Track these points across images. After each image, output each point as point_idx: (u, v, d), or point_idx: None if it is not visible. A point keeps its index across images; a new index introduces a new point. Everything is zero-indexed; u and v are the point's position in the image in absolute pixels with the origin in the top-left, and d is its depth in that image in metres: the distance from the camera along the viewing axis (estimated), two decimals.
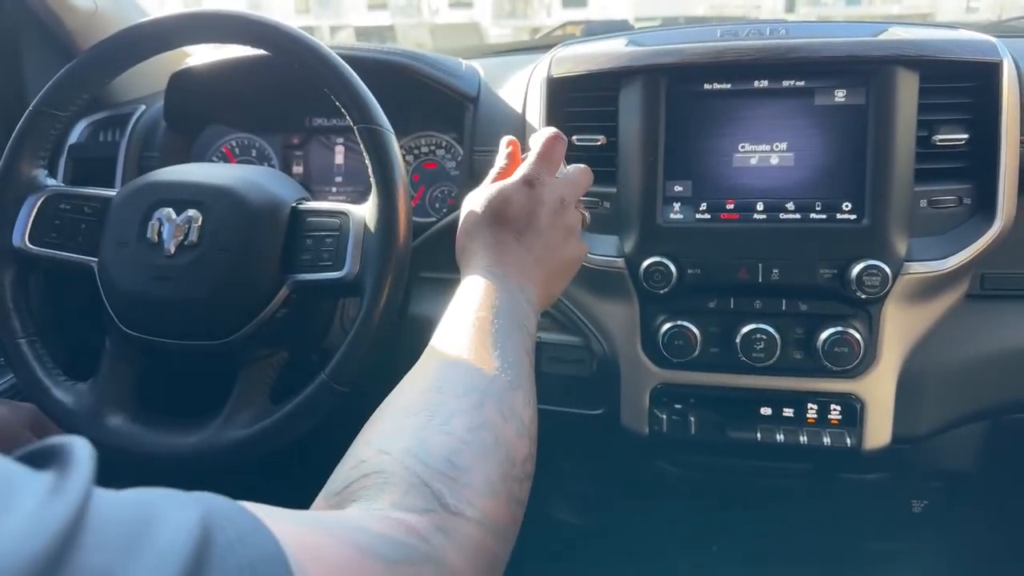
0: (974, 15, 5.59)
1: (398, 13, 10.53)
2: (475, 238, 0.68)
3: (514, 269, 0.65)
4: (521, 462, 0.51)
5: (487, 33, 8.48)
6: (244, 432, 0.81)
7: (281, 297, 0.82)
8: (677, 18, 6.79)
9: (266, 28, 0.83)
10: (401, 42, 9.91)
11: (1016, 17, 1.45)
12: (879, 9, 6.17)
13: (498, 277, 0.64)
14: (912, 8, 5.94)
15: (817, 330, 0.89)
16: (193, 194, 0.83)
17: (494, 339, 0.57)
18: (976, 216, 0.90)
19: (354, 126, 0.81)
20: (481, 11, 10.08)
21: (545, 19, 9.36)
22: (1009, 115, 0.87)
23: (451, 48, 3.01)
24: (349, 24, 10.70)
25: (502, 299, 0.61)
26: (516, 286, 0.64)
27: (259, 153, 1.22)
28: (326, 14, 11.08)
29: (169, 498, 0.31)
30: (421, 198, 1.17)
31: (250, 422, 0.82)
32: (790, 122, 0.89)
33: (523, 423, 0.53)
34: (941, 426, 0.94)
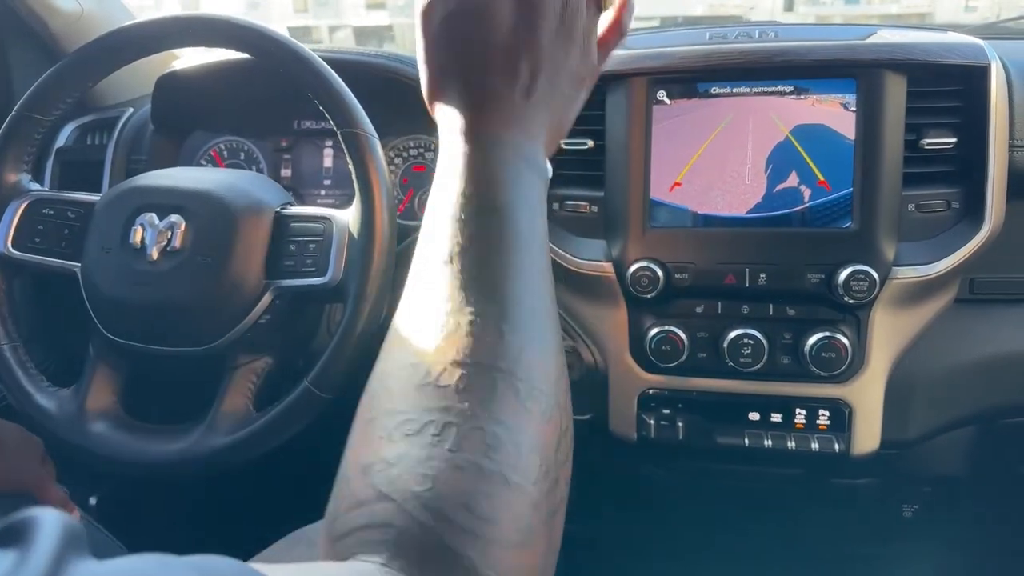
0: (972, 14, 5.58)
1: (396, 13, 10.51)
2: (448, 84, 0.47)
3: (513, 128, 0.46)
4: (555, 450, 0.39)
5: None
6: (227, 439, 0.81)
7: (264, 303, 0.81)
8: (676, 17, 6.78)
9: (249, 32, 0.82)
10: (399, 42, 9.90)
11: (1011, 18, 1.45)
12: (878, 8, 6.16)
13: (491, 146, 0.45)
14: (911, 8, 5.93)
15: (804, 335, 0.88)
16: (176, 199, 0.83)
17: (498, 268, 0.41)
18: (964, 220, 0.89)
19: (337, 130, 0.80)
20: None
21: None
22: (997, 119, 0.87)
23: None
24: (348, 24, 10.69)
25: (504, 190, 0.43)
26: (518, 156, 0.45)
27: (247, 156, 1.21)
28: (325, 14, 11.08)
29: (163, 568, 0.26)
30: (410, 201, 1.16)
31: (233, 429, 0.81)
32: (778, 126, 0.89)
33: (547, 395, 0.40)
34: (931, 431, 0.94)
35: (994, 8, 5.64)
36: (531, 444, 0.38)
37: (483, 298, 0.40)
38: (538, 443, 0.38)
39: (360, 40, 9.29)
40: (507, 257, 0.41)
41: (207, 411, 0.84)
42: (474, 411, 0.37)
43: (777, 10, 6.19)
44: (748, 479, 1.05)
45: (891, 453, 0.94)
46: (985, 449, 1.00)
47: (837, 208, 0.87)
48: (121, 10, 1.25)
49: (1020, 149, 0.89)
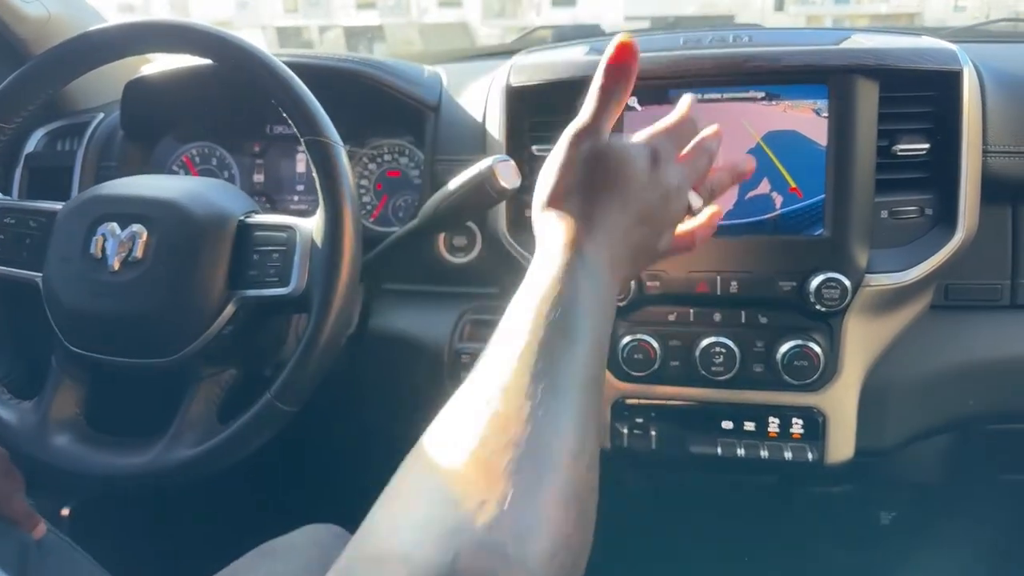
0: (961, 14, 5.59)
1: (387, 13, 10.48)
2: (570, 201, 0.54)
3: (608, 252, 0.52)
4: (578, 554, 0.39)
5: (476, 33, 8.44)
6: (190, 452, 0.80)
7: (228, 314, 0.80)
8: (666, 17, 6.78)
9: (211, 38, 0.81)
10: (390, 42, 9.87)
11: (990, 21, 1.45)
12: (867, 8, 6.16)
13: (588, 262, 0.50)
14: (900, 7, 5.94)
15: (777, 343, 0.88)
16: (138, 208, 0.81)
17: (567, 368, 0.44)
18: (938, 227, 0.89)
19: (301, 138, 0.79)
20: (470, 11, 10.04)
21: (534, 19, 9.33)
22: (970, 124, 0.86)
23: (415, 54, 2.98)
24: (338, 24, 10.65)
25: (587, 300, 0.48)
26: (607, 278, 0.51)
27: (219, 162, 1.20)
28: (315, 14, 11.04)
29: None
30: (384, 207, 1.15)
31: (197, 442, 0.80)
32: (751, 132, 0.88)
33: (588, 501, 0.42)
34: (906, 439, 0.93)
35: (983, 7, 5.65)
36: (561, 543, 0.38)
37: (550, 393, 0.42)
38: (566, 543, 0.38)
39: (350, 40, 9.25)
40: (577, 360, 0.45)
41: (171, 423, 0.82)
42: (516, 497, 0.37)
43: (768, 9, 6.19)
44: (723, 487, 1.04)
45: (867, 461, 0.93)
46: (962, 456, 1.00)
47: (809, 215, 0.86)
48: (91, 14, 1.23)
49: (993, 155, 0.88)
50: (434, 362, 1.02)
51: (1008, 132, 0.88)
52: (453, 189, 0.86)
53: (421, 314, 1.06)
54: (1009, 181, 0.89)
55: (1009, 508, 1.09)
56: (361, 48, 9.50)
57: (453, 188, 0.86)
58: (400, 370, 1.06)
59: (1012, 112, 0.88)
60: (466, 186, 0.85)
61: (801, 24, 5.99)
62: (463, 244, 1.05)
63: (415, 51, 6.82)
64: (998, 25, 1.45)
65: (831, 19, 6.25)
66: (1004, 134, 0.88)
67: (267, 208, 1.18)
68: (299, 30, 11.96)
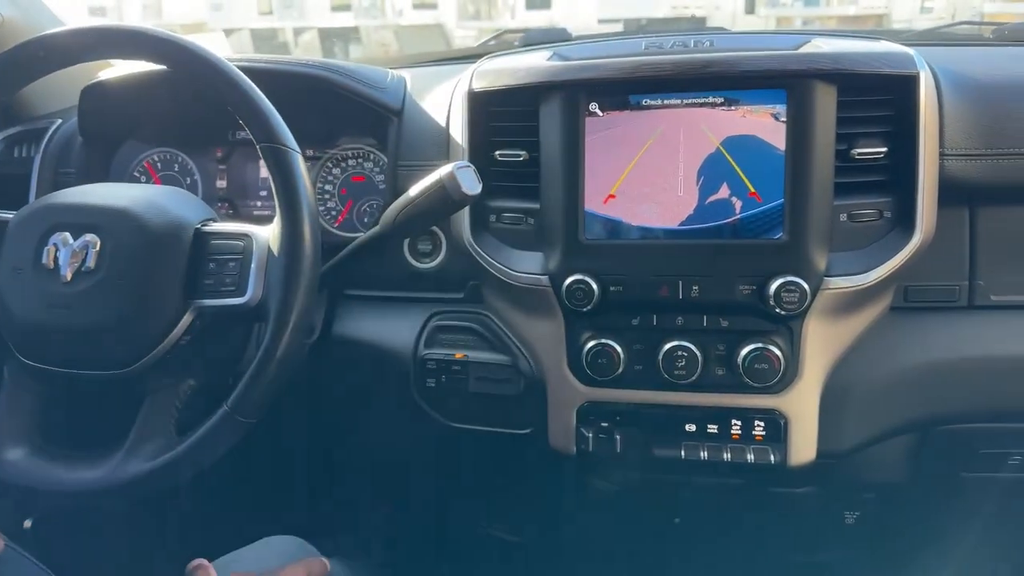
0: (928, 15, 5.69)
1: (362, 14, 10.44)
2: None
3: None
4: None
5: (452, 35, 8.44)
6: (147, 465, 0.78)
7: (184, 324, 0.79)
8: (639, 19, 6.83)
9: (164, 44, 0.80)
10: (365, 43, 9.83)
11: (949, 24, 1.47)
12: (836, 10, 6.25)
13: None
14: (868, 9, 6.02)
15: (738, 346, 0.88)
16: (90, 217, 0.80)
17: None
18: (896, 229, 0.89)
19: (257, 145, 0.78)
20: (445, 13, 10.03)
21: (509, 21, 9.34)
22: (927, 127, 0.87)
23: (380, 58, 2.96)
24: (313, 26, 10.60)
25: None
26: None
27: (182, 168, 1.18)
28: (289, 15, 10.98)
29: None
30: (348, 212, 1.14)
31: (153, 455, 0.79)
32: (710, 137, 0.88)
33: None
34: (867, 440, 0.94)
35: (949, 9, 5.74)
36: None
37: None
38: None
39: (325, 42, 9.20)
40: None
41: (127, 436, 0.81)
42: None
43: (739, 12, 6.24)
44: (689, 489, 1.05)
45: (829, 462, 0.94)
46: (924, 456, 1.00)
47: (768, 219, 0.87)
48: (48, 17, 1.21)
49: (950, 157, 0.89)
50: (399, 369, 1.02)
51: (965, 135, 0.89)
52: (414, 195, 0.86)
53: (386, 320, 1.05)
54: (966, 183, 0.90)
55: (971, 506, 1.10)
56: (336, 50, 9.45)
57: (414, 194, 0.86)
58: (364, 377, 1.05)
59: (969, 115, 0.89)
60: (427, 192, 0.85)
61: (772, 26, 6.05)
62: (428, 249, 1.04)
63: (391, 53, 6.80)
64: (961, 28, 1.47)
65: (801, 21, 6.31)
66: (961, 137, 0.89)
67: (230, 215, 1.16)
68: (274, 32, 11.87)
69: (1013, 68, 0.95)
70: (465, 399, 1.00)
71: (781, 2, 6.23)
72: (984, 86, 0.92)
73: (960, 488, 1.07)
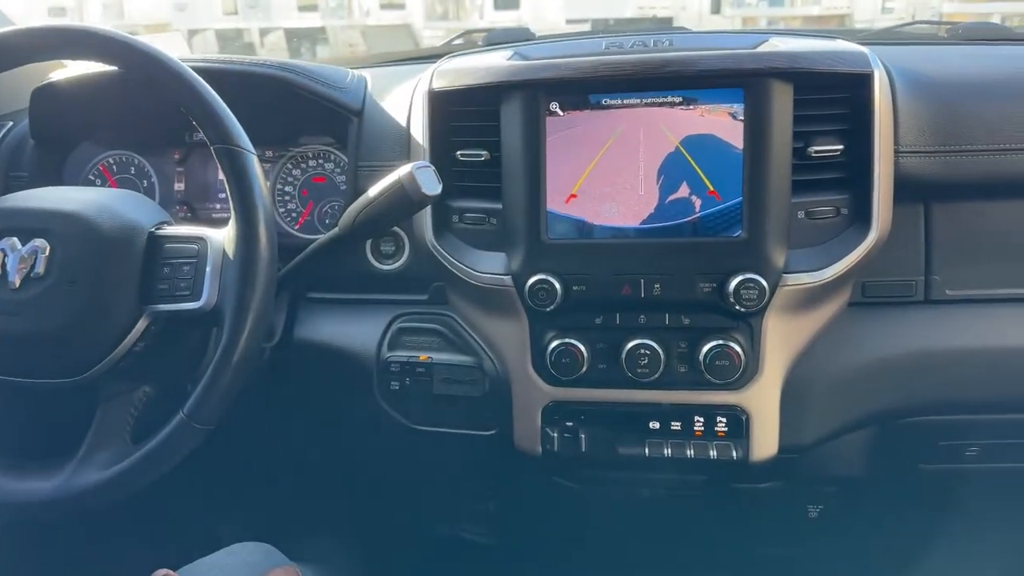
0: (889, 15, 5.79)
1: (329, 15, 10.34)
2: None
3: None
4: None
5: (419, 35, 8.39)
6: (101, 475, 0.77)
7: (139, 330, 0.78)
8: (607, 20, 6.85)
9: (115, 44, 0.78)
10: (332, 44, 9.75)
11: (904, 23, 1.49)
12: (800, 10, 6.34)
13: None
14: (831, 9, 6.13)
15: (699, 344, 0.89)
16: (40, 222, 0.78)
17: None
18: (853, 226, 0.90)
19: (211, 146, 0.77)
20: (413, 13, 9.97)
21: (478, 21, 9.31)
22: (882, 125, 0.88)
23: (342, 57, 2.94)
24: (279, 26, 10.47)
25: None
26: None
27: (138, 171, 1.16)
28: (255, 16, 10.83)
29: None
30: (309, 214, 1.13)
31: (108, 464, 0.77)
32: (670, 135, 0.88)
33: None
34: (827, 434, 0.95)
35: (909, 9, 5.85)
36: None
37: None
38: None
39: (292, 42, 9.10)
40: None
41: (81, 445, 0.79)
42: None
43: (705, 12, 6.30)
44: (655, 486, 1.05)
45: (791, 457, 0.95)
46: (884, 449, 1.02)
47: (727, 217, 0.87)
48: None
49: (905, 155, 0.90)
50: (362, 372, 1.01)
51: (919, 132, 0.90)
52: (373, 196, 0.85)
53: (348, 323, 1.04)
54: (920, 180, 0.91)
55: (929, 496, 1.12)
56: (303, 50, 9.36)
57: (373, 195, 0.85)
58: (327, 381, 1.04)
59: (923, 112, 0.91)
60: (386, 193, 0.84)
61: (737, 26, 6.11)
62: (391, 251, 1.03)
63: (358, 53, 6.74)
64: (917, 27, 1.50)
65: (766, 21, 6.39)
66: (915, 134, 0.90)
67: (188, 218, 1.14)
68: (239, 32, 11.69)
69: (966, 66, 0.97)
70: (429, 401, 0.99)
71: (746, 2, 6.30)
72: (937, 84, 0.93)
73: (920, 480, 1.09)
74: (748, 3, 6.18)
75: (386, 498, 1.30)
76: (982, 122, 0.90)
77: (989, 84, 0.93)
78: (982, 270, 0.94)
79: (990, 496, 1.12)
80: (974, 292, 0.95)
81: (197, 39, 8.33)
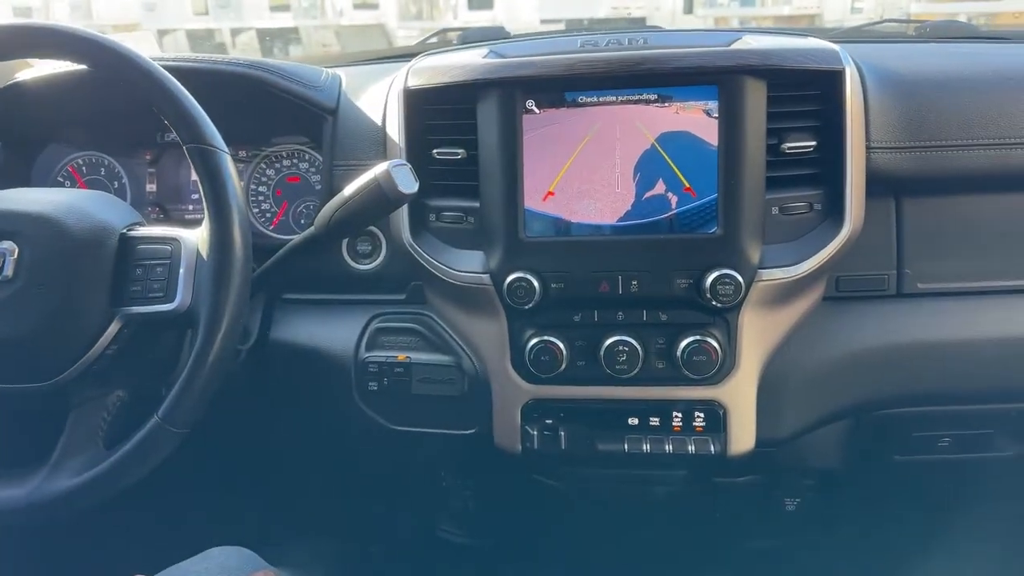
0: (858, 15, 5.87)
1: (301, 15, 10.26)
2: None
3: None
4: None
5: (393, 35, 8.35)
6: (74, 481, 0.75)
7: (111, 333, 0.76)
8: (581, 20, 6.87)
9: (83, 42, 0.77)
10: (305, 44, 9.66)
11: (873, 22, 1.51)
12: (771, 10, 6.40)
13: None
14: (801, 9, 6.20)
15: (676, 339, 0.89)
16: (7, 224, 0.76)
17: None
18: (827, 221, 0.92)
19: (183, 146, 0.76)
20: (387, 13, 9.92)
21: (452, 21, 9.28)
22: (853, 121, 0.89)
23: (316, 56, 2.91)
24: (251, 27, 10.36)
25: None
26: None
27: (108, 172, 1.14)
28: (226, 16, 10.71)
29: None
30: (284, 214, 1.12)
31: (81, 469, 0.76)
32: (645, 132, 0.89)
33: None
34: (803, 427, 0.96)
35: (878, 9, 5.92)
36: None
37: None
38: None
39: (264, 43, 9.00)
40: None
41: (52, 451, 0.78)
42: None
43: (678, 12, 6.33)
44: (635, 482, 1.06)
45: (768, 451, 0.95)
46: (859, 441, 1.03)
47: (703, 214, 0.88)
48: None
49: (876, 150, 0.92)
50: (340, 373, 1.00)
51: (890, 128, 0.92)
52: (349, 195, 0.84)
53: (326, 323, 1.03)
54: (892, 175, 0.92)
55: (904, 487, 1.14)
56: (276, 50, 9.26)
57: (349, 194, 0.85)
58: (304, 382, 1.03)
59: (893, 109, 0.92)
60: (362, 191, 0.83)
61: (709, 26, 6.16)
62: (367, 250, 1.03)
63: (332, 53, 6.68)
64: (886, 26, 1.52)
65: (738, 20, 6.44)
66: (886, 130, 0.92)
67: (161, 219, 1.13)
68: (210, 33, 11.54)
69: (934, 64, 0.98)
70: (408, 401, 0.99)
71: (718, 2, 6.34)
72: (907, 81, 0.94)
73: (894, 471, 1.10)
74: (720, 3, 6.23)
75: (365, 500, 1.29)
76: (951, 118, 0.91)
77: (957, 81, 0.94)
78: (953, 263, 0.96)
79: (962, 486, 1.14)
80: (945, 285, 0.96)
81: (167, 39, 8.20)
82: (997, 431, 1.03)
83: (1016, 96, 0.92)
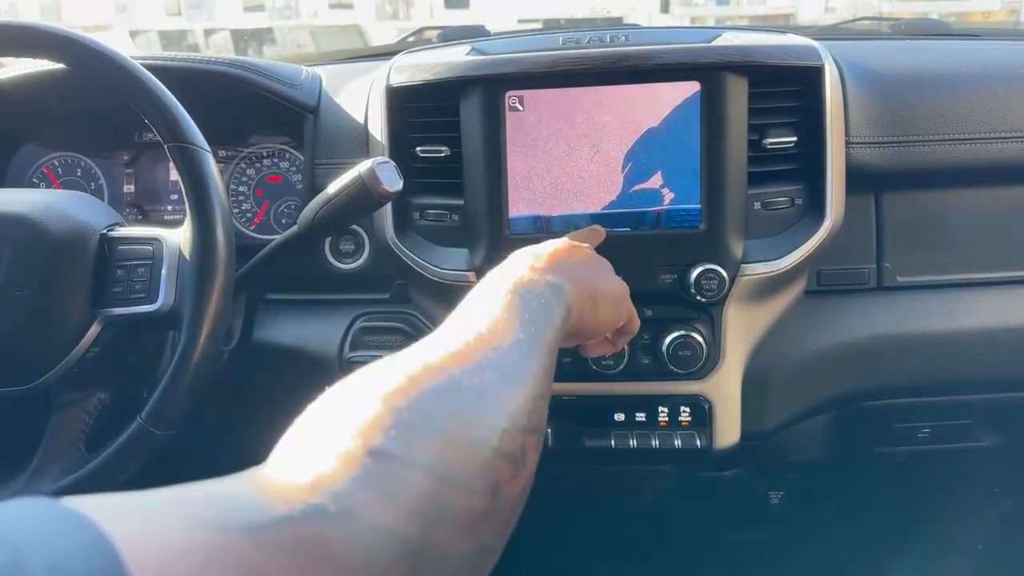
0: (832, 14, 5.94)
1: (276, 15, 10.15)
2: (561, 269, 0.63)
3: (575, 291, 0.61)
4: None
5: (369, 35, 8.29)
6: (55, 486, 0.74)
7: (92, 335, 0.75)
8: (558, 19, 6.89)
9: (59, 40, 0.75)
10: (280, 44, 9.56)
11: (849, 20, 1.53)
12: (746, 9, 6.47)
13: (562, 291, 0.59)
14: (776, 9, 6.27)
15: (662, 334, 0.90)
16: None
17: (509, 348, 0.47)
18: (808, 216, 0.92)
19: (164, 145, 0.75)
20: (362, 13, 9.85)
21: (428, 20, 9.25)
22: (833, 117, 0.90)
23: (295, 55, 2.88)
24: (224, 27, 10.24)
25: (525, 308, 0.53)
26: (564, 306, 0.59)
27: (85, 173, 1.13)
28: (199, 16, 10.57)
29: None
30: (265, 214, 1.11)
31: (62, 474, 0.75)
32: (628, 129, 0.89)
33: None
34: (787, 420, 0.97)
35: (851, 8, 5.99)
36: None
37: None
38: None
39: (238, 43, 8.90)
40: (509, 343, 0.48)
41: (33, 456, 0.76)
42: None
43: (654, 12, 6.38)
44: (621, 478, 1.06)
45: (753, 444, 0.96)
46: (842, 434, 1.04)
47: (686, 209, 0.88)
48: None
49: (856, 145, 0.93)
50: (324, 373, 0.99)
51: (868, 123, 0.93)
52: (332, 193, 0.84)
53: (309, 323, 1.02)
54: (871, 170, 0.94)
55: (885, 478, 1.15)
56: (250, 51, 9.16)
57: (332, 192, 0.84)
58: (288, 383, 1.02)
59: (871, 104, 0.93)
60: (346, 189, 0.83)
61: (686, 24, 6.19)
62: (350, 250, 1.02)
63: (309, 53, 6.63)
64: (861, 24, 1.54)
65: (714, 19, 6.49)
66: (865, 125, 0.93)
67: (139, 220, 1.11)
68: (184, 33, 11.41)
69: (910, 60, 1.00)
70: None
71: (694, 2, 6.40)
72: (885, 77, 0.96)
73: (873, 463, 1.12)
74: (696, 3, 6.28)
75: None
76: (928, 113, 0.93)
77: (932, 77, 0.96)
78: (931, 257, 0.97)
79: (940, 476, 1.16)
80: (924, 278, 0.98)
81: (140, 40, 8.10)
82: (975, 421, 1.05)
83: (989, 92, 0.93)
